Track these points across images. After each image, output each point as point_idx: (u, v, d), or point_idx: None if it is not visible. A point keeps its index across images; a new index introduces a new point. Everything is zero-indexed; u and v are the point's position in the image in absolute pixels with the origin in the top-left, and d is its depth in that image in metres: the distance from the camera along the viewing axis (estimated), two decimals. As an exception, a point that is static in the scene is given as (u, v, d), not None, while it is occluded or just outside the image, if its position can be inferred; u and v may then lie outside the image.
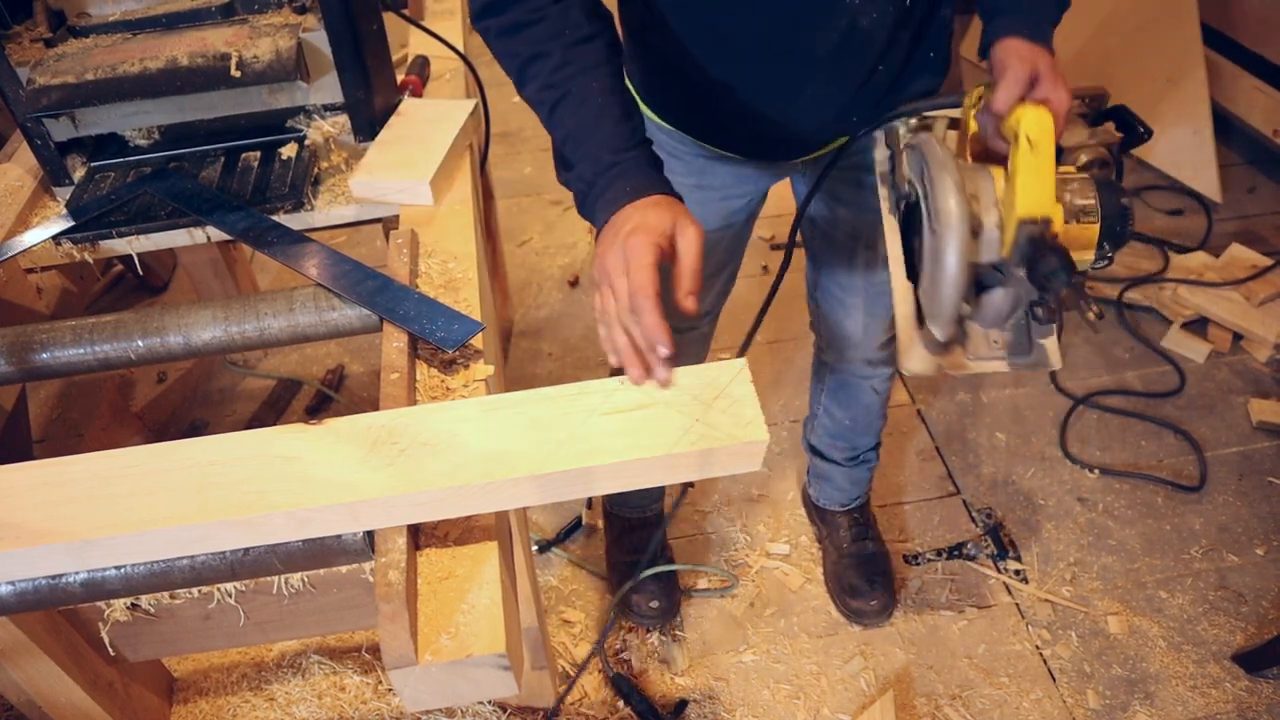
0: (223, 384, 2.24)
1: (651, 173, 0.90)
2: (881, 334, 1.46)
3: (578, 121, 0.92)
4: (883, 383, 1.58)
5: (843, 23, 1.02)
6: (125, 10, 1.24)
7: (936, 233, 0.88)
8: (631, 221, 0.83)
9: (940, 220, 0.88)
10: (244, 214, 1.15)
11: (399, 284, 1.00)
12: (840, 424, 1.66)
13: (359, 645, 1.48)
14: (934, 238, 0.89)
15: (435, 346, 0.94)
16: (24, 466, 0.78)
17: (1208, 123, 2.62)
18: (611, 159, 0.90)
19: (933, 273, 0.91)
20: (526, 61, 0.94)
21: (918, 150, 0.95)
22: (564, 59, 0.92)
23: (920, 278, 0.98)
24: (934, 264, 0.90)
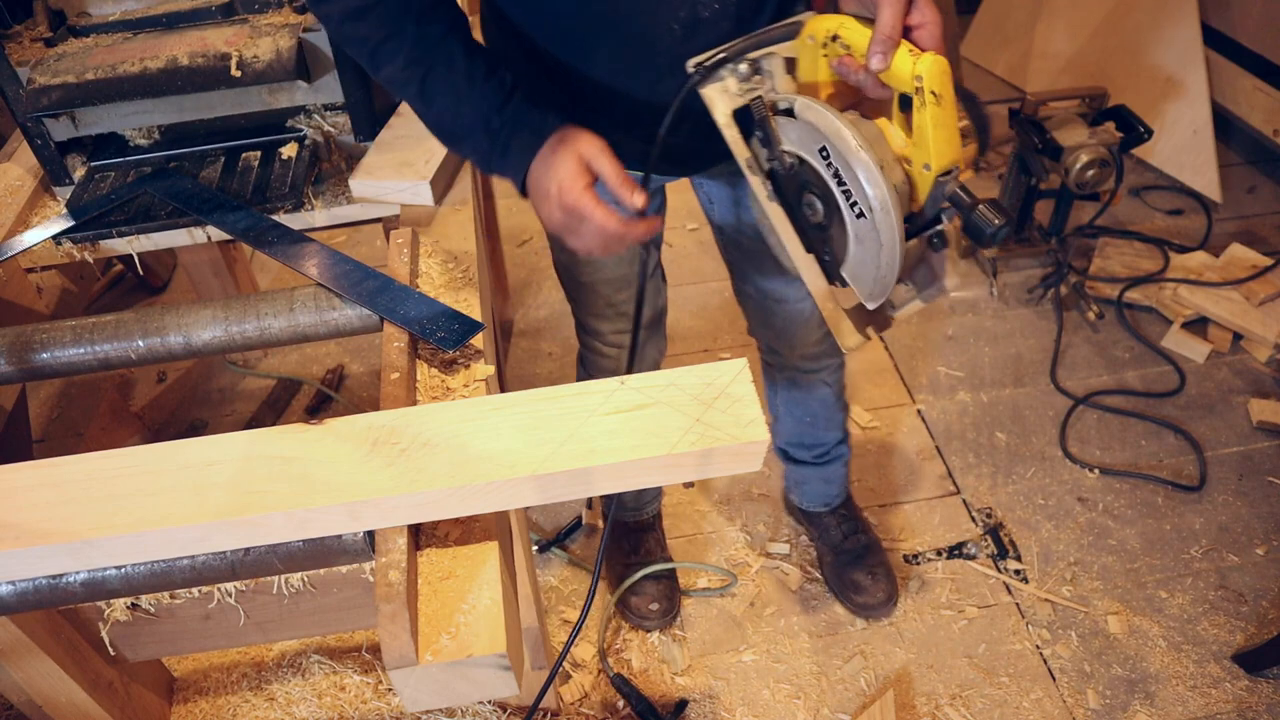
0: (222, 384, 2.24)
1: (536, 113, 0.95)
2: (816, 328, 1.45)
3: (451, 91, 0.94)
4: (832, 374, 1.57)
5: (682, 14, 0.96)
6: (125, 10, 1.24)
7: (869, 218, 0.86)
8: (553, 181, 0.92)
9: (875, 205, 0.85)
10: (244, 214, 1.15)
11: (399, 284, 1.00)
12: (801, 423, 1.65)
13: (359, 645, 1.48)
14: (864, 221, 0.87)
15: (435, 347, 0.94)
16: (24, 466, 0.78)
17: (1208, 123, 2.62)
18: (499, 119, 0.94)
19: (867, 255, 0.89)
20: (380, 43, 0.94)
21: (805, 122, 0.88)
22: (419, 34, 0.93)
23: (837, 254, 0.93)
24: (869, 246, 0.88)
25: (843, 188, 0.87)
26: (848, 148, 0.84)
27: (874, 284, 0.91)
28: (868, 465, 1.98)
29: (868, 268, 0.90)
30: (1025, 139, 2.17)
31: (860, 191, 0.85)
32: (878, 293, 0.92)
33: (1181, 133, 2.68)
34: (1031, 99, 2.18)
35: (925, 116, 0.82)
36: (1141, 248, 2.46)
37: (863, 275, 0.92)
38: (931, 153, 0.83)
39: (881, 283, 0.90)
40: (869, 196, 0.85)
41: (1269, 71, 2.60)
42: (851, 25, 0.85)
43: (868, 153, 0.84)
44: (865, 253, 0.89)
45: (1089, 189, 2.10)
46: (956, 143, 0.84)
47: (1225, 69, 2.69)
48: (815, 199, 0.92)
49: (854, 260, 0.92)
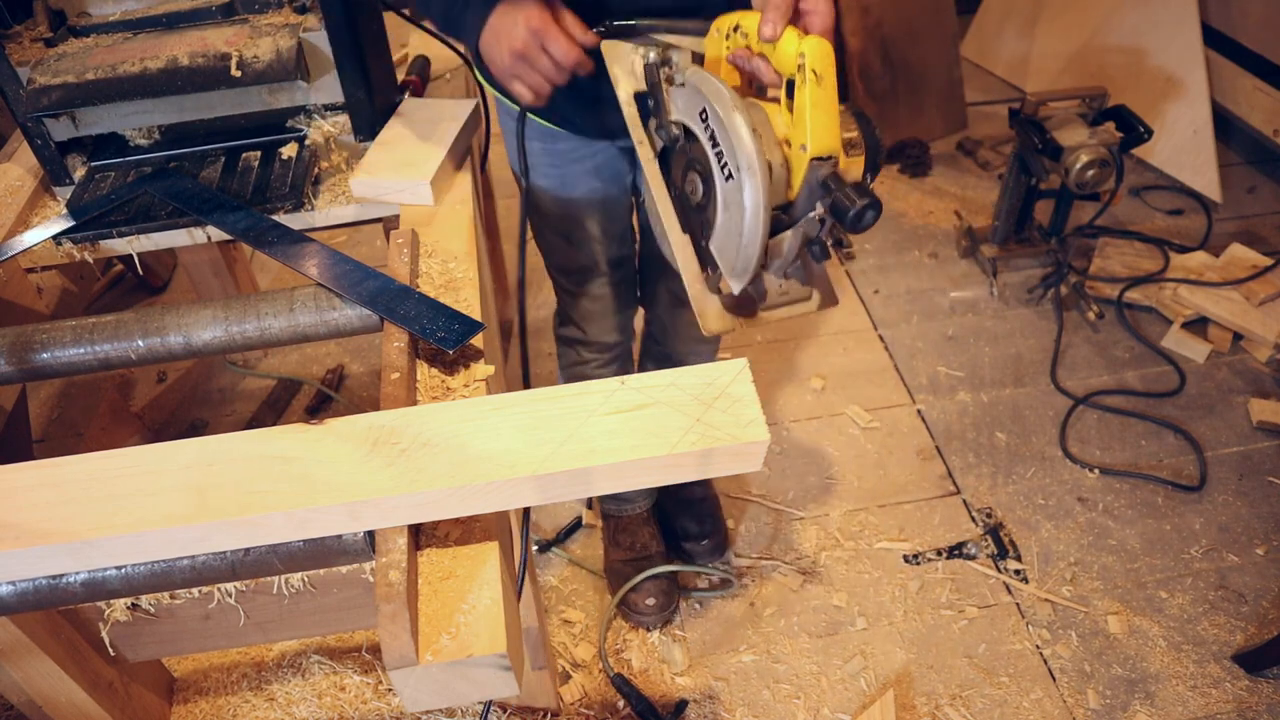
0: (223, 384, 2.24)
1: None
2: None
3: None
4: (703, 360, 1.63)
5: None
6: (125, 10, 1.24)
7: (735, 178, 0.84)
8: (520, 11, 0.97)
9: (741, 163, 0.83)
10: (244, 214, 1.15)
11: (399, 284, 1.00)
12: None
13: (359, 645, 1.48)
14: (732, 183, 0.85)
15: (435, 347, 0.94)
16: (24, 466, 0.78)
17: (1208, 123, 2.62)
18: None
19: (731, 223, 0.87)
20: None
21: (691, 87, 0.89)
22: None
23: (710, 230, 0.92)
24: (734, 212, 0.86)
25: (716, 149, 0.86)
26: (724, 106, 0.85)
27: (736, 256, 0.88)
28: (868, 465, 1.98)
29: (731, 237, 0.88)
30: (1025, 139, 2.17)
31: (729, 150, 0.84)
32: (739, 269, 0.89)
33: (1181, 133, 2.68)
34: (1031, 99, 2.18)
35: (804, 95, 0.82)
36: (1141, 248, 2.46)
37: (727, 246, 0.90)
38: (809, 132, 0.83)
39: (744, 256, 0.88)
40: (737, 153, 0.84)
41: (1269, 71, 2.60)
42: (752, 17, 0.88)
43: (742, 114, 0.84)
44: (730, 220, 0.87)
45: (1089, 189, 2.10)
46: (835, 130, 0.84)
47: (1225, 69, 2.69)
48: (697, 178, 0.92)
49: (720, 231, 0.90)
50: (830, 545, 1.83)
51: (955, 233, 2.56)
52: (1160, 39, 2.71)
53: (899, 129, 2.92)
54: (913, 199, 2.77)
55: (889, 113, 2.91)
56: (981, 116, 3.06)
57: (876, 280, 2.47)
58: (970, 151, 2.93)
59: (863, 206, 0.81)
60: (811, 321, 2.34)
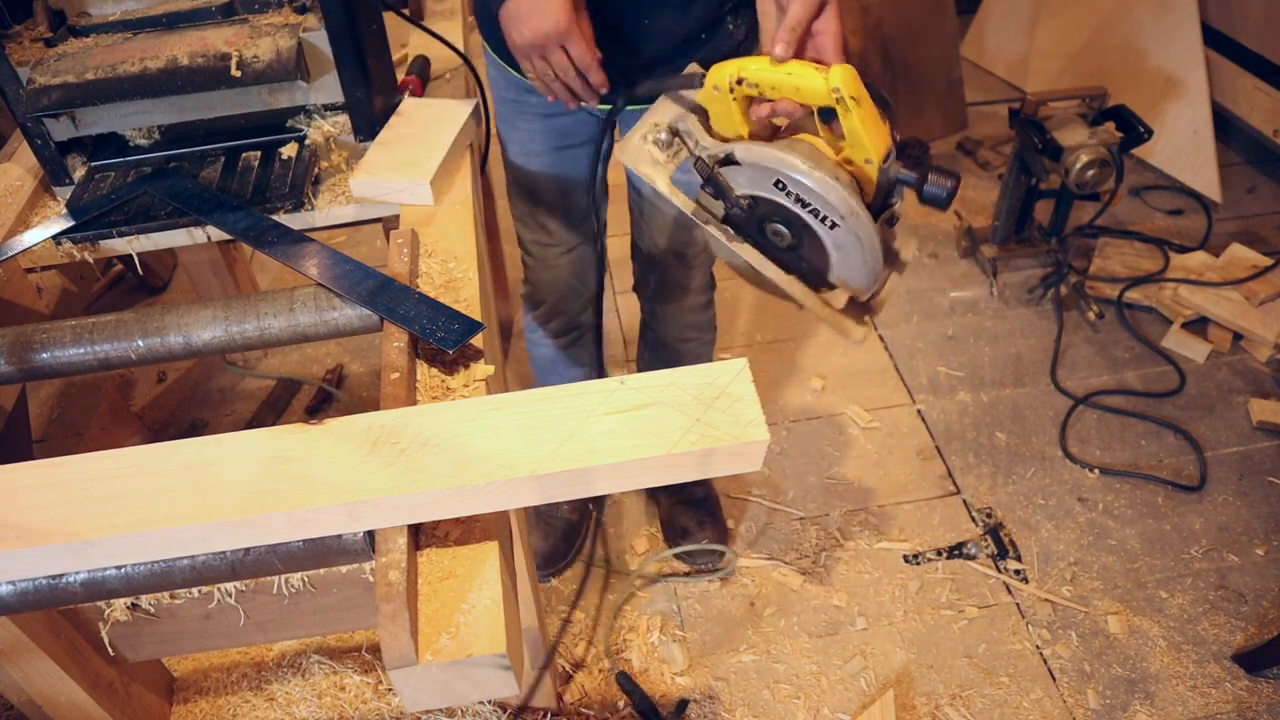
0: (222, 384, 2.24)
1: None
2: (696, 295, 1.55)
3: None
4: (702, 347, 1.66)
5: None
6: (125, 10, 1.24)
7: (841, 224, 0.93)
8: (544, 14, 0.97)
9: (843, 212, 0.92)
10: (244, 214, 1.15)
11: (399, 283, 0.99)
12: None
13: (359, 645, 1.48)
14: (839, 229, 0.93)
15: (435, 346, 0.94)
16: (24, 466, 0.78)
17: (1208, 123, 2.62)
18: None
19: (850, 258, 0.96)
20: None
21: (753, 165, 0.95)
22: None
23: (824, 266, 1.00)
24: (849, 249, 0.95)
25: (809, 209, 0.93)
26: (800, 173, 0.92)
27: (866, 278, 0.98)
28: (868, 465, 1.98)
29: (856, 268, 0.97)
30: (1025, 139, 2.17)
31: (827, 205, 0.92)
32: (870, 283, 0.98)
33: (1181, 133, 2.68)
34: (1031, 99, 2.18)
35: (854, 120, 0.89)
36: (1141, 248, 2.46)
37: (853, 274, 0.98)
38: (869, 148, 0.91)
39: (871, 274, 0.97)
40: (835, 207, 0.92)
41: (1269, 71, 2.60)
42: (749, 64, 0.92)
43: (820, 171, 0.91)
44: (849, 256, 0.96)
45: (1089, 189, 2.10)
46: (885, 131, 0.93)
47: (1225, 69, 2.69)
48: (779, 226, 0.98)
49: (839, 265, 0.98)
50: (830, 545, 1.83)
51: (955, 233, 2.56)
52: (1160, 39, 2.71)
53: (899, 129, 2.92)
54: (912, 199, 2.76)
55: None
56: (981, 116, 3.06)
57: (876, 280, 2.47)
58: (970, 151, 2.93)
59: (955, 184, 0.93)
60: (811, 321, 2.34)
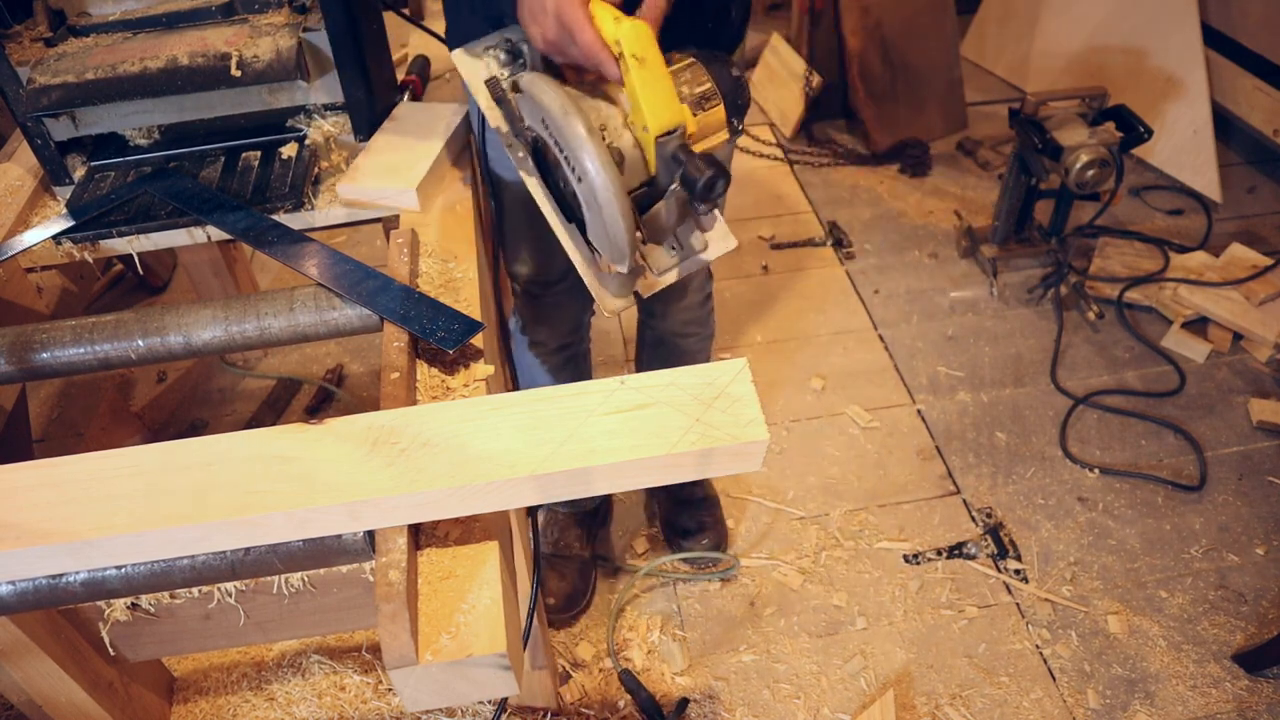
0: (222, 384, 2.24)
1: None
2: (694, 293, 1.54)
3: None
4: (700, 342, 1.65)
5: None
6: (125, 10, 1.24)
7: (584, 178, 0.86)
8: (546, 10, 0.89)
9: (582, 165, 0.85)
10: (244, 214, 1.15)
11: (399, 284, 1.00)
12: None
13: (359, 645, 1.48)
14: (583, 184, 0.86)
15: (436, 346, 0.94)
16: (24, 466, 0.78)
17: (1208, 123, 2.62)
18: None
19: (596, 217, 0.89)
20: None
21: (528, 95, 0.90)
22: None
23: (584, 223, 0.93)
24: (594, 208, 0.88)
25: (563, 153, 0.87)
26: (556, 112, 0.86)
27: (610, 246, 0.90)
28: (868, 465, 1.98)
29: (599, 229, 0.90)
30: (1025, 139, 2.17)
31: (573, 156, 0.86)
32: (616, 255, 0.90)
33: (1181, 133, 2.68)
34: (1031, 99, 2.18)
35: (632, 80, 0.84)
36: (1141, 248, 2.46)
37: (600, 238, 0.91)
38: (645, 114, 0.85)
39: (615, 244, 0.88)
40: (579, 159, 0.85)
41: (1269, 71, 2.60)
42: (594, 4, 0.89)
43: (577, 117, 0.85)
44: (593, 216, 0.89)
45: (1089, 189, 2.10)
46: (672, 104, 0.86)
47: (1225, 69, 2.69)
48: (569, 172, 0.92)
49: (591, 225, 0.92)
50: (830, 545, 1.83)
51: (955, 233, 2.56)
52: (1160, 39, 2.71)
53: (899, 129, 2.92)
54: (913, 199, 2.77)
55: (889, 113, 2.91)
56: (981, 116, 3.06)
57: (876, 280, 2.47)
58: (970, 151, 2.93)
59: (710, 177, 0.84)
60: (811, 321, 2.34)
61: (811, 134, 3.03)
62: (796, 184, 2.85)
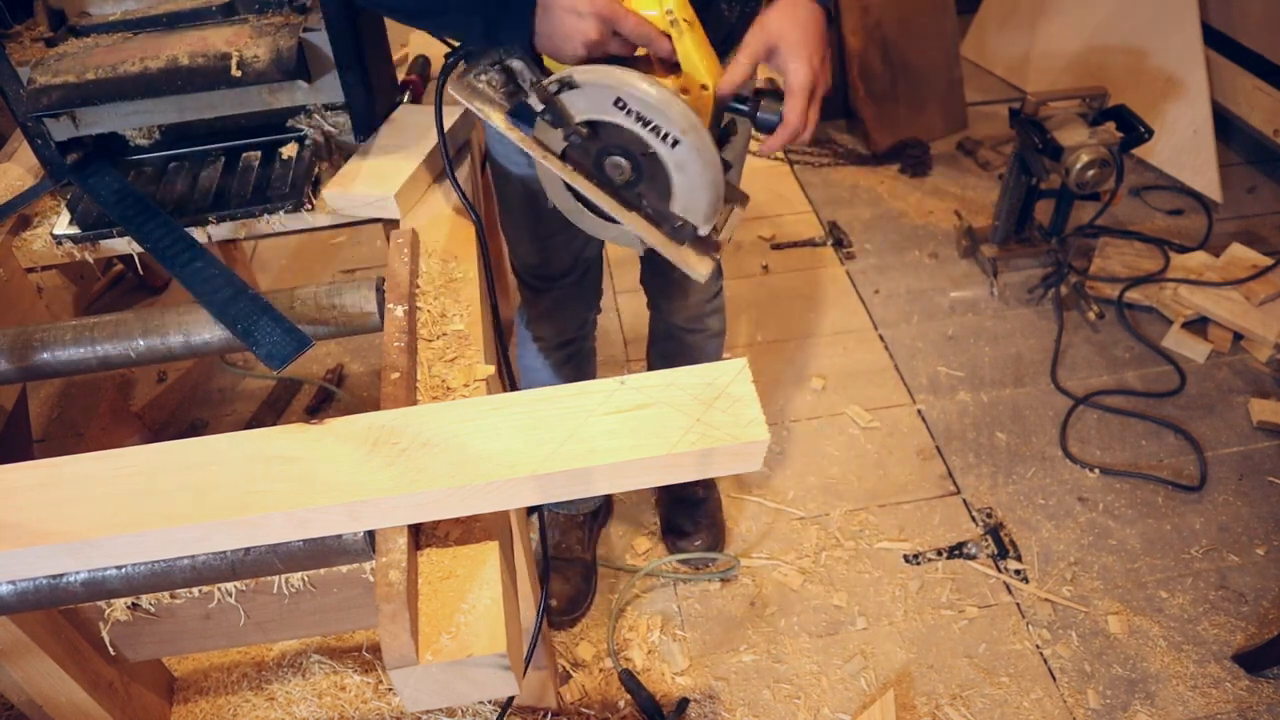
0: (222, 384, 2.24)
1: None
2: (700, 291, 1.54)
3: None
4: (709, 339, 1.65)
5: None
6: (126, 10, 1.24)
7: (682, 141, 0.90)
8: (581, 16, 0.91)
9: (684, 126, 0.89)
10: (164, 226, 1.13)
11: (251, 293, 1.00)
12: None
13: (359, 645, 1.48)
14: (680, 147, 0.91)
15: (437, 346, 0.94)
16: (24, 466, 0.78)
17: (1208, 122, 2.62)
18: None
19: (692, 179, 0.93)
20: None
21: (592, 86, 0.92)
22: None
23: (666, 195, 0.97)
24: (691, 170, 0.93)
25: (649, 126, 0.91)
26: (641, 89, 0.89)
27: (710, 201, 0.95)
28: (868, 465, 1.98)
29: (699, 191, 0.94)
30: (1025, 139, 2.17)
31: (668, 120, 0.90)
32: (712, 212, 0.96)
33: (1181, 133, 2.68)
34: (1032, 99, 2.18)
35: (687, 43, 0.89)
36: (1142, 248, 2.46)
37: (695, 200, 0.95)
38: (704, 72, 0.90)
39: (715, 197, 0.95)
40: (676, 121, 0.89)
41: (1269, 71, 2.60)
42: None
43: (659, 86, 0.89)
44: (691, 177, 0.93)
45: (1089, 189, 2.10)
46: (715, 57, 0.93)
47: (1225, 69, 2.69)
48: (618, 159, 0.95)
49: (682, 190, 0.95)
50: (830, 545, 1.83)
51: (955, 233, 2.56)
52: (1160, 39, 2.71)
53: (899, 129, 2.92)
54: (913, 199, 2.77)
55: (889, 112, 2.91)
56: (981, 116, 3.06)
57: (876, 280, 2.47)
58: (970, 151, 2.93)
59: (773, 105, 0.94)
60: (811, 321, 2.34)
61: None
62: (796, 184, 2.85)
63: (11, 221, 1.21)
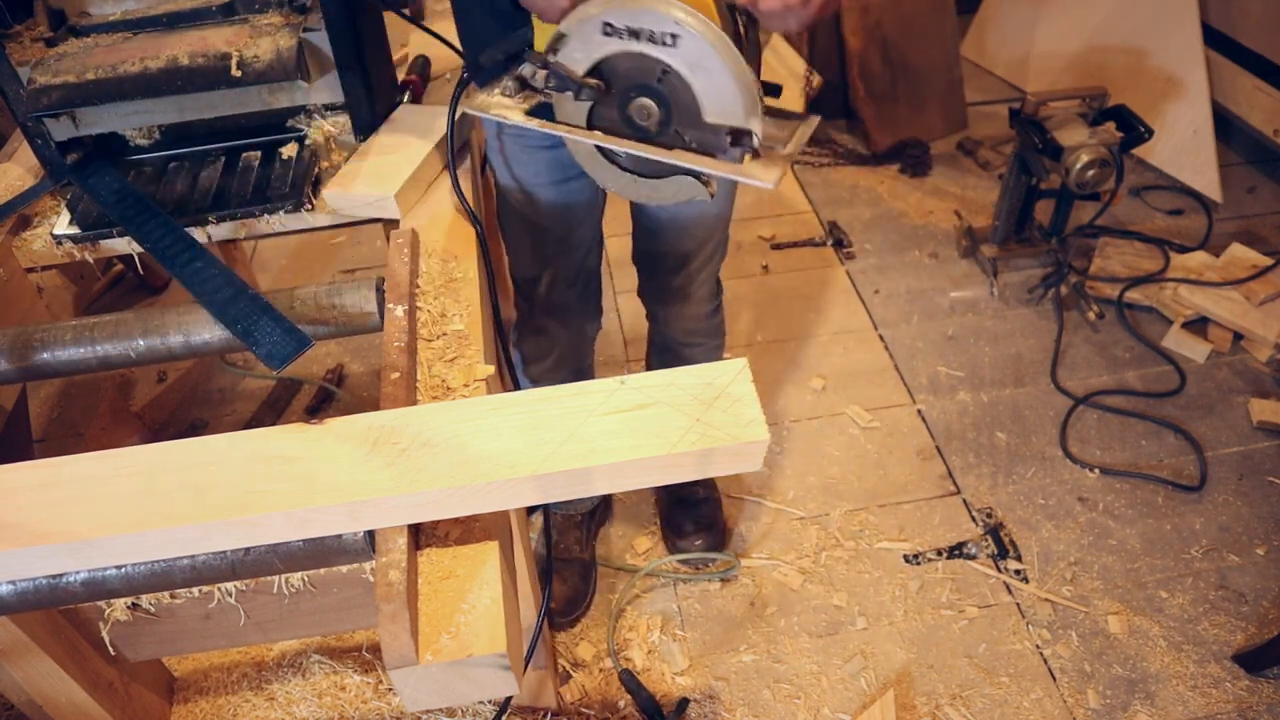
0: (222, 384, 2.24)
1: None
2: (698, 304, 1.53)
3: None
4: (707, 354, 1.64)
5: None
6: (126, 10, 1.24)
7: (682, 34, 0.85)
8: None
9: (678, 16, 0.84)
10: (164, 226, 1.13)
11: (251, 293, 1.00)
12: None
13: (359, 645, 1.48)
14: (684, 40, 0.85)
15: (437, 346, 0.94)
16: (24, 466, 0.78)
17: (1208, 122, 2.62)
18: None
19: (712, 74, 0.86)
20: None
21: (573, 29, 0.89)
22: None
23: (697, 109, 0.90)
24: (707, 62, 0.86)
25: (645, 37, 0.86)
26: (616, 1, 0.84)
27: (743, 99, 0.88)
28: (868, 465, 1.98)
29: (724, 86, 0.87)
30: (1025, 139, 2.17)
31: (656, 18, 0.84)
32: (748, 104, 0.88)
33: (1181, 133, 2.68)
34: (1032, 99, 2.18)
35: None
36: (1142, 248, 2.46)
37: (726, 98, 0.88)
38: None
39: (748, 93, 0.87)
40: (663, 15, 0.84)
41: (1269, 71, 2.60)
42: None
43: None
44: (710, 74, 0.87)
45: (1089, 189, 2.10)
46: None
47: (1225, 69, 2.69)
48: (641, 100, 0.91)
49: (707, 93, 0.88)
50: (830, 545, 1.83)
51: (955, 233, 2.56)
52: (1160, 39, 2.71)
53: (899, 129, 2.92)
54: (913, 199, 2.77)
55: (889, 113, 2.91)
56: (981, 116, 3.06)
57: (876, 280, 2.47)
58: (970, 151, 2.93)
59: None
60: (811, 321, 2.34)
61: (811, 134, 3.03)
62: (797, 184, 2.85)
63: (11, 221, 1.21)
